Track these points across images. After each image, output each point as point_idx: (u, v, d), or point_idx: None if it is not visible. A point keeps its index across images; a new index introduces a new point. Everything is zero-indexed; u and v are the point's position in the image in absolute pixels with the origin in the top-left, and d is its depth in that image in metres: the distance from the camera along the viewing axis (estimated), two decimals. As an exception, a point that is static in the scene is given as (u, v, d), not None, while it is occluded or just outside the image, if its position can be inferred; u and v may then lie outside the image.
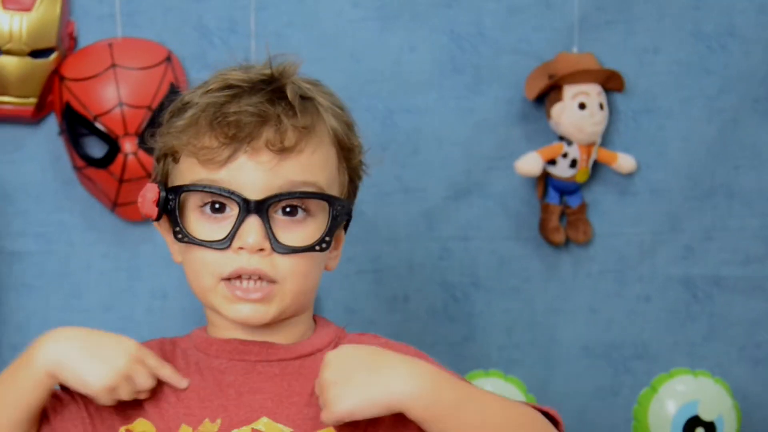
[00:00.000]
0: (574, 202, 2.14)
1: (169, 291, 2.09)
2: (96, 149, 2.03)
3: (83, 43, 2.05)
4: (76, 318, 2.06)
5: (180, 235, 1.38)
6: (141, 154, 1.99)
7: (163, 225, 1.44)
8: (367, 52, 2.11)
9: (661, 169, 2.17)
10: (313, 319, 1.47)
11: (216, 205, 1.37)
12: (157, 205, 1.38)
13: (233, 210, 1.35)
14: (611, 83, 2.13)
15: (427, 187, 2.13)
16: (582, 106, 2.08)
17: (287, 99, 1.37)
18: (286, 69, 1.40)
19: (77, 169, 2.05)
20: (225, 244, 1.34)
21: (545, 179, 2.13)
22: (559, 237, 2.13)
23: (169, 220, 1.40)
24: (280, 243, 1.35)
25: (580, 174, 2.12)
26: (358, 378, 1.28)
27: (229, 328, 1.41)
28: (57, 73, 2.01)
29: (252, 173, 1.34)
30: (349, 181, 1.44)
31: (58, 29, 2.00)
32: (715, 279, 2.19)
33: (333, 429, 1.34)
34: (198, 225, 1.37)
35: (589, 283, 2.17)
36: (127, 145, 1.99)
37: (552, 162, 2.11)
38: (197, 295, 1.41)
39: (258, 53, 1.46)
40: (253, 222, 1.34)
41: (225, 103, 1.36)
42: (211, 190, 1.35)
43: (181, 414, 1.37)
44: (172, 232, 1.39)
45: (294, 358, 1.40)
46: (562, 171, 2.11)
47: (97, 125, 1.99)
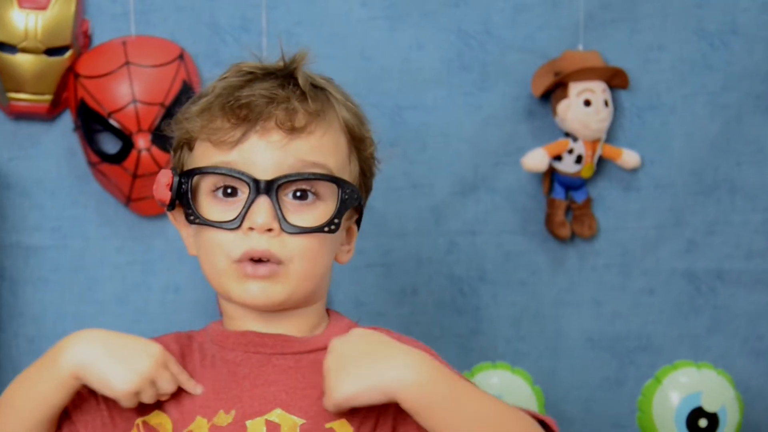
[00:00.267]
0: (579, 197, 2.14)
1: (182, 284, 2.09)
2: (110, 145, 2.03)
3: (97, 41, 2.05)
4: (90, 311, 2.07)
5: (192, 217, 1.38)
6: (154, 150, 1.99)
7: (178, 218, 1.44)
8: (376, 50, 2.11)
9: (665, 164, 2.16)
10: (327, 313, 1.47)
11: (228, 190, 1.37)
12: (171, 189, 1.39)
13: (244, 193, 1.36)
14: (616, 80, 2.12)
15: (435, 183, 2.13)
16: (587, 103, 2.08)
17: (299, 85, 1.38)
18: (297, 56, 1.41)
19: (92, 165, 2.04)
20: (235, 224, 1.34)
21: (551, 175, 2.13)
22: (564, 231, 2.12)
23: (183, 204, 1.40)
24: (288, 223, 1.35)
25: (586, 169, 2.11)
26: (357, 367, 1.28)
27: (244, 319, 1.41)
28: (72, 70, 2.01)
29: (262, 152, 1.35)
30: (361, 174, 1.44)
31: (72, 27, 1.99)
32: (718, 272, 2.18)
33: (345, 420, 1.34)
34: (210, 208, 1.38)
35: (595, 277, 2.17)
36: (141, 142, 1.99)
37: (558, 158, 2.11)
38: (210, 281, 1.41)
39: (269, 51, 1.45)
40: (262, 202, 1.34)
41: (238, 87, 1.38)
42: (221, 171, 1.36)
43: (197, 406, 1.37)
44: (185, 215, 1.39)
45: (308, 351, 1.40)
46: (567, 167, 2.11)
47: (111, 122, 1.99)
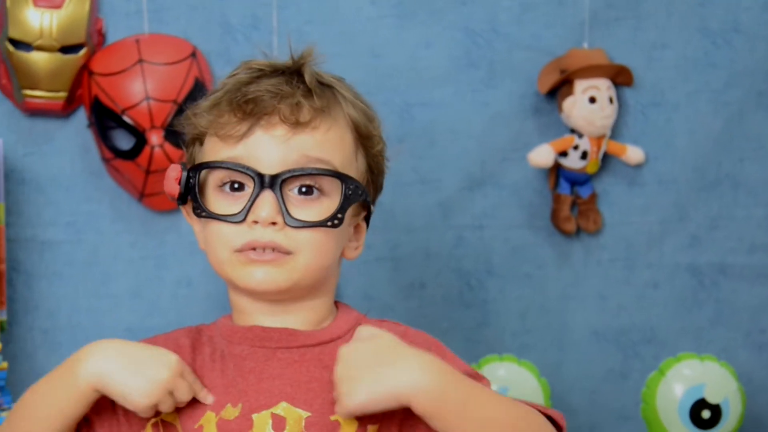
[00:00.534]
0: (584, 192, 2.14)
1: (194, 278, 2.08)
2: (123, 141, 2.02)
3: (111, 39, 2.04)
4: (104, 304, 2.06)
5: (198, 210, 1.38)
6: (167, 146, 1.98)
7: (190, 213, 1.43)
8: (385, 48, 2.10)
9: (669, 160, 2.16)
10: (336, 306, 1.45)
11: (235, 185, 1.37)
12: (179, 183, 1.39)
13: (250, 188, 1.35)
14: (620, 78, 2.12)
15: (443, 178, 2.12)
16: (592, 100, 2.08)
17: (305, 81, 1.38)
18: (304, 53, 1.41)
19: (105, 161, 2.04)
20: (240, 217, 1.34)
21: (557, 170, 2.13)
22: (570, 226, 2.12)
23: (191, 198, 1.40)
24: (292, 217, 1.34)
25: (591, 165, 2.11)
26: (369, 373, 1.27)
27: (252, 313, 1.40)
28: (86, 68, 2.01)
29: (267, 147, 1.35)
30: (368, 171, 1.43)
31: (87, 26, 1.99)
32: (721, 266, 2.18)
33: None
34: (217, 202, 1.38)
35: (600, 271, 2.17)
36: (154, 138, 1.98)
37: (563, 154, 2.11)
38: (216, 271, 1.40)
39: (280, 49, 1.45)
40: (267, 196, 1.34)
41: (246, 83, 1.38)
42: (227, 165, 1.35)
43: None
44: (192, 208, 1.40)
45: (313, 344, 1.39)
46: (573, 162, 2.11)
47: (125, 118, 1.98)
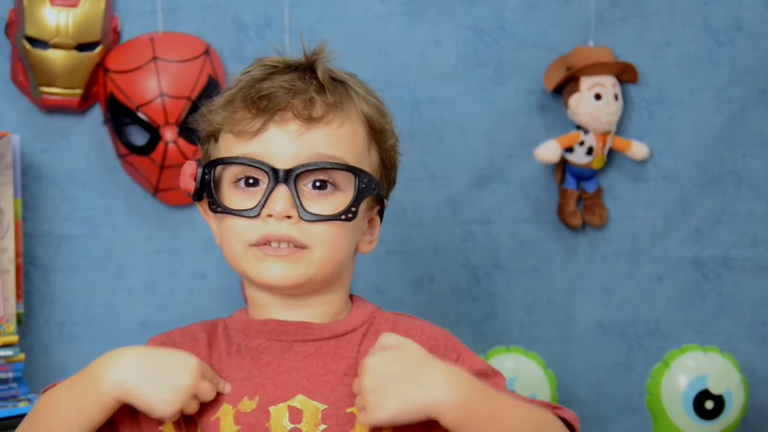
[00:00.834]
0: (590, 187, 2.13)
1: (208, 272, 2.07)
2: (138, 137, 2.01)
3: (126, 37, 2.04)
4: (119, 298, 2.06)
5: (214, 206, 1.37)
6: (181, 142, 1.98)
7: (207, 210, 1.42)
8: (394, 46, 2.10)
9: (673, 156, 2.16)
10: (350, 299, 1.44)
11: (250, 180, 1.36)
12: (195, 179, 1.37)
13: (265, 183, 1.34)
14: (625, 75, 2.12)
15: (452, 174, 2.12)
16: (598, 97, 2.08)
17: (318, 77, 1.36)
18: (316, 50, 1.39)
19: (121, 157, 2.03)
20: (255, 212, 1.33)
21: (563, 166, 2.12)
22: (576, 220, 2.11)
23: (206, 194, 1.38)
24: (306, 211, 1.33)
25: (596, 161, 2.11)
26: (397, 387, 1.25)
27: (268, 306, 1.39)
28: (101, 65, 2.00)
29: (280, 142, 1.33)
30: (381, 166, 1.41)
31: (102, 24, 1.98)
32: (724, 260, 2.18)
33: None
34: (232, 198, 1.36)
35: (605, 265, 2.16)
36: (168, 134, 1.98)
37: (569, 150, 2.10)
38: (232, 266, 1.39)
39: (292, 47, 1.44)
40: (281, 191, 1.32)
41: (260, 80, 1.37)
42: (242, 161, 1.34)
43: (223, 393, 1.34)
44: (208, 204, 1.38)
45: (329, 337, 1.37)
46: (579, 158, 2.10)
47: (140, 115, 1.98)
